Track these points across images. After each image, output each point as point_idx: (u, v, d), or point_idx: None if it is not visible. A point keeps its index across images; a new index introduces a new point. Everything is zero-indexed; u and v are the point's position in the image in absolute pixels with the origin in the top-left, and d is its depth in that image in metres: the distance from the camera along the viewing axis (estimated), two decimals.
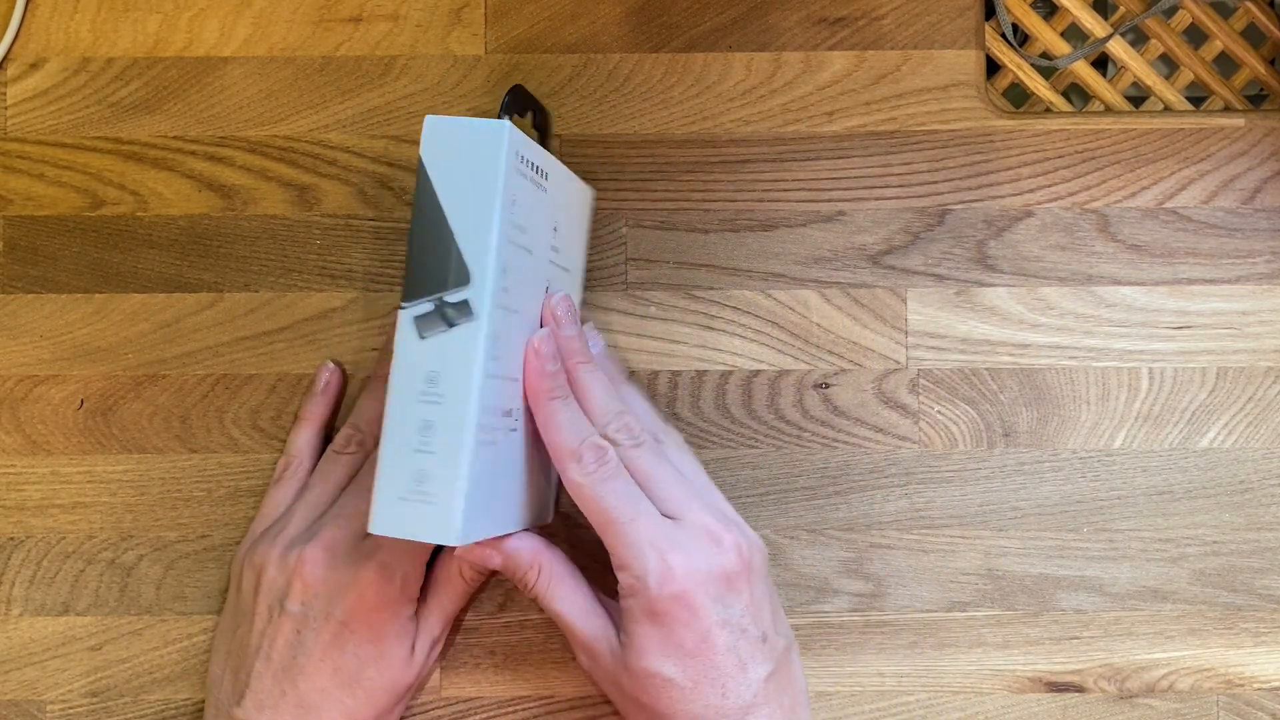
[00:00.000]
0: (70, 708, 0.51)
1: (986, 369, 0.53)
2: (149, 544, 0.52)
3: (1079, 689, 0.52)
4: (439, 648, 0.50)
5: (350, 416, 0.51)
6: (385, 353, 0.51)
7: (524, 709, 0.51)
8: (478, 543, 0.45)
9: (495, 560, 0.46)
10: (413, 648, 0.48)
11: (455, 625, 0.51)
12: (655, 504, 0.45)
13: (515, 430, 0.45)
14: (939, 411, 0.52)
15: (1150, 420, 0.53)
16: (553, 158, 0.46)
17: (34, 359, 0.52)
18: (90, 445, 0.52)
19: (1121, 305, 0.53)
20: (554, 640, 0.51)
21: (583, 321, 0.50)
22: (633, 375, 0.52)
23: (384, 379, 0.46)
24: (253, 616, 0.47)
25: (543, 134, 0.51)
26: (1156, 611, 0.52)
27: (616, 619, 0.46)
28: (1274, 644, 0.52)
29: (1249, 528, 0.52)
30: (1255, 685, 0.52)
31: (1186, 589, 0.52)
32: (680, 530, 0.45)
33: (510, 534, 0.46)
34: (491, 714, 0.51)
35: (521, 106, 0.49)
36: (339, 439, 0.50)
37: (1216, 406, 0.53)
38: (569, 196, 0.48)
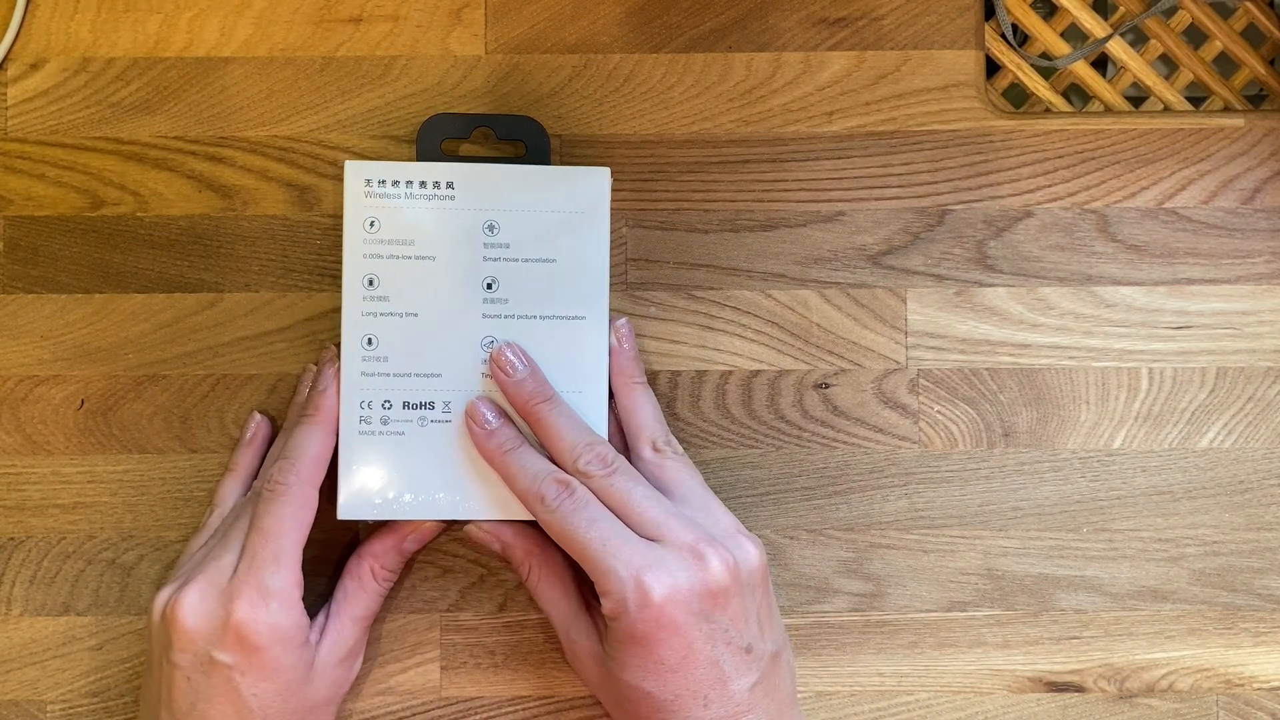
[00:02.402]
0: (71, 707, 0.51)
1: (986, 369, 0.53)
2: (149, 544, 0.52)
3: (1079, 689, 0.52)
4: (358, 654, 0.49)
5: (262, 469, 0.50)
6: (294, 404, 0.51)
7: (524, 709, 0.51)
8: (480, 527, 0.48)
9: (494, 547, 0.49)
10: (313, 663, 0.47)
11: (455, 627, 0.51)
12: (635, 528, 0.45)
13: (444, 423, 0.48)
14: (939, 411, 0.52)
15: (1150, 420, 0.53)
16: (514, 166, 0.49)
17: (34, 359, 0.52)
18: (90, 445, 0.52)
19: (1121, 305, 0.53)
20: (554, 640, 0.51)
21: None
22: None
23: (289, 431, 0.49)
24: (151, 665, 0.47)
25: (531, 146, 0.51)
26: (1156, 611, 0.52)
27: (601, 625, 0.47)
28: (1274, 644, 0.52)
29: (1249, 528, 0.52)
30: (1255, 685, 0.52)
31: (1186, 589, 0.52)
32: (661, 550, 0.45)
33: (512, 523, 0.48)
34: (491, 714, 0.51)
35: (455, 132, 0.51)
36: (251, 490, 0.50)
37: (1216, 406, 0.53)
38: (529, 192, 0.49)
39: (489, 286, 0.49)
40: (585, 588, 0.49)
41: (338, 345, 0.49)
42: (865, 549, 0.52)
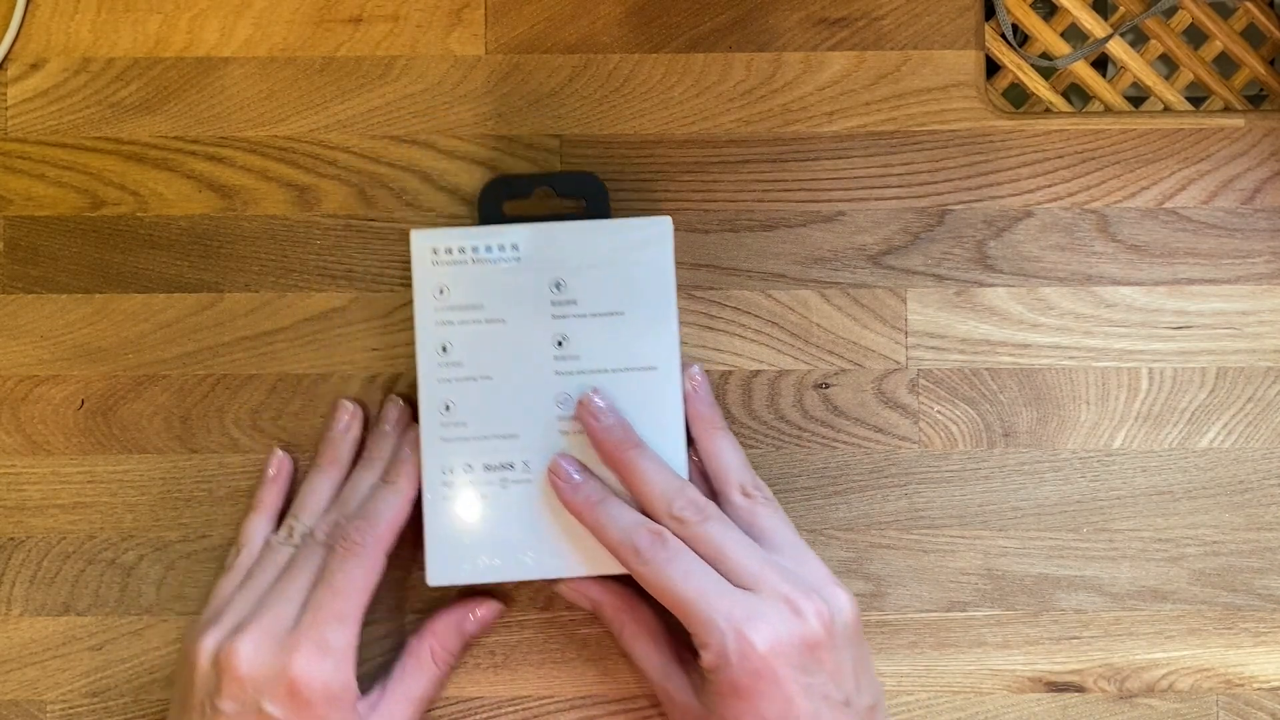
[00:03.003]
0: (71, 707, 0.51)
1: (986, 369, 0.53)
2: (149, 544, 0.52)
3: (1079, 689, 0.52)
4: None
5: (292, 506, 0.50)
6: (325, 440, 0.51)
7: (524, 709, 0.51)
8: (573, 586, 0.49)
9: (585, 605, 0.49)
10: None
11: None
12: (729, 576, 0.45)
13: (526, 483, 0.48)
14: (939, 411, 0.52)
15: (1150, 420, 0.53)
16: (575, 222, 0.49)
17: (34, 359, 0.52)
18: (90, 445, 0.52)
19: (1121, 305, 0.53)
20: (553, 640, 0.51)
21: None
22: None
23: (328, 468, 0.50)
24: (189, 710, 0.46)
25: (592, 201, 0.51)
26: (1156, 611, 0.52)
27: (696, 680, 0.46)
28: (1274, 644, 0.52)
29: (1249, 528, 0.52)
30: (1255, 685, 0.52)
31: (1186, 589, 0.52)
32: (757, 601, 0.44)
33: (602, 580, 0.49)
34: (491, 714, 0.51)
35: (516, 191, 0.51)
36: (281, 530, 0.49)
37: (1216, 406, 0.53)
38: (593, 247, 0.49)
39: (559, 344, 0.49)
40: (678, 640, 0.48)
41: (403, 399, 0.51)
42: (865, 549, 0.52)
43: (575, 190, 0.51)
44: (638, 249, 0.49)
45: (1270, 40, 0.55)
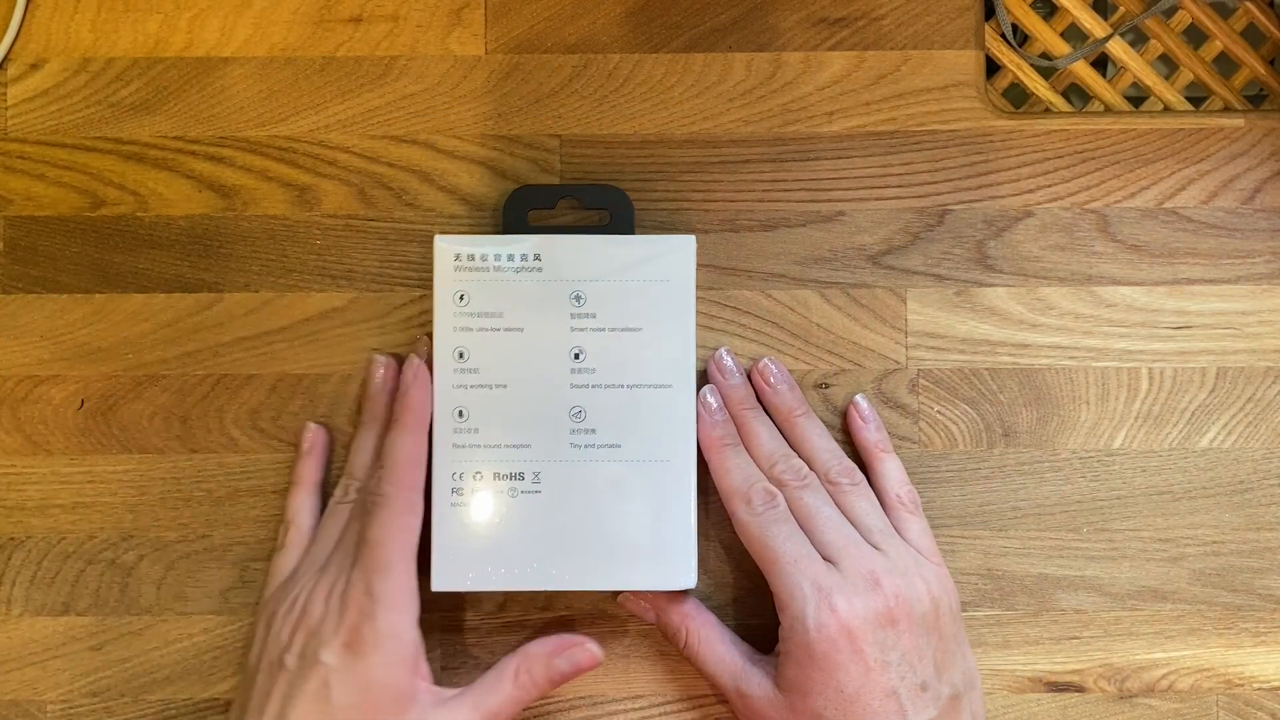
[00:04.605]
0: (71, 707, 0.51)
1: (986, 369, 0.53)
2: (149, 544, 0.52)
3: (1079, 689, 0.52)
4: None
5: (346, 466, 0.51)
6: (365, 397, 0.51)
7: (523, 709, 0.51)
8: (635, 598, 0.50)
9: (650, 616, 0.50)
10: (410, 705, 0.45)
11: (455, 626, 0.51)
12: (816, 546, 0.47)
13: (535, 493, 0.49)
14: (939, 411, 0.52)
15: (1150, 420, 0.53)
16: (599, 235, 0.50)
17: (34, 359, 0.52)
18: (90, 445, 0.52)
19: (1121, 305, 0.53)
20: None
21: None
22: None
23: (370, 424, 0.50)
24: (255, 675, 0.47)
25: (615, 214, 0.51)
26: (1156, 611, 0.52)
27: (769, 670, 0.47)
28: (1274, 644, 0.52)
29: (1249, 528, 0.52)
30: (1255, 685, 0.52)
31: (1186, 589, 0.52)
32: (839, 575, 0.46)
33: (671, 594, 0.49)
34: None
35: (540, 201, 0.51)
36: (337, 490, 0.50)
37: (1216, 406, 0.53)
38: (615, 261, 0.49)
39: (576, 356, 0.49)
40: (745, 641, 0.49)
41: (428, 335, 0.50)
42: None
43: (600, 202, 0.51)
44: (660, 266, 0.49)
45: (1270, 40, 0.55)
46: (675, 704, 0.52)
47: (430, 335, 0.50)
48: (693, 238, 0.49)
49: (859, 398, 0.52)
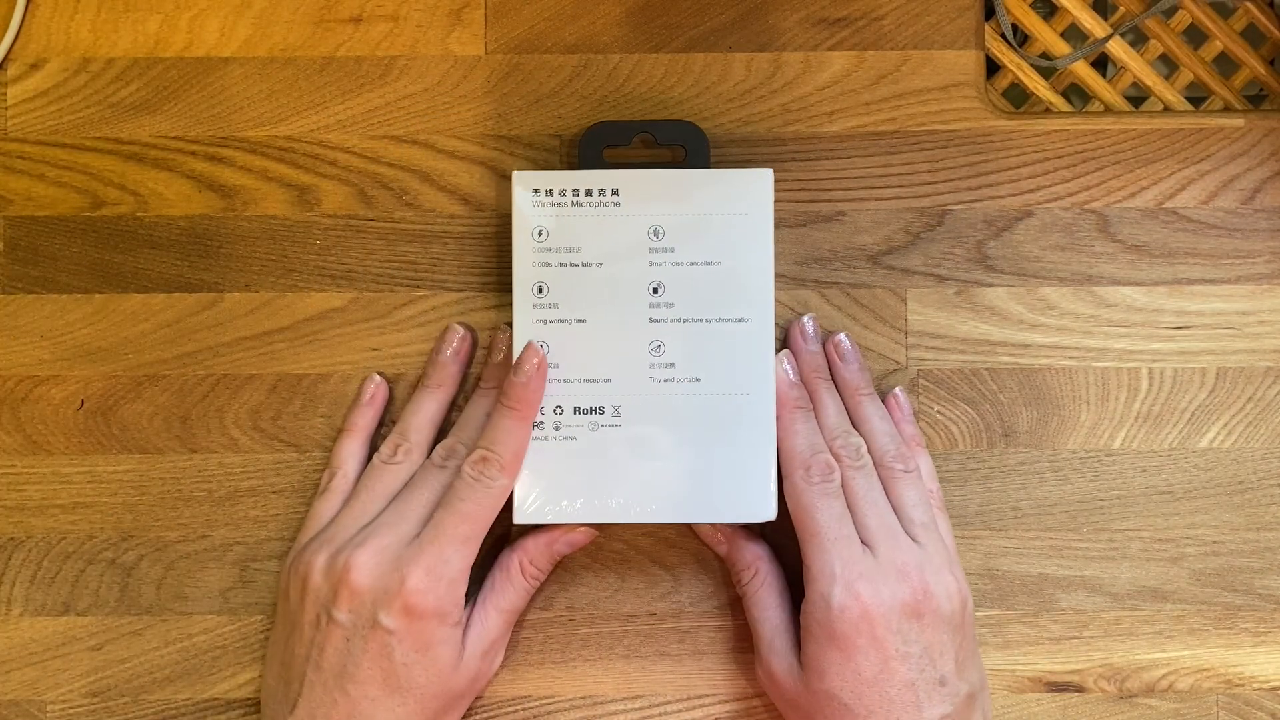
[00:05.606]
0: (71, 707, 0.51)
1: (986, 369, 0.53)
2: (149, 544, 0.52)
3: (1079, 689, 0.52)
4: (499, 648, 0.50)
5: (397, 425, 0.51)
6: (433, 362, 0.51)
7: (524, 709, 0.51)
8: (712, 525, 0.50)
9: (722, 548, 0.50)
10: (461, 651, 0.47)
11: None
12: (857, 529, 0.47)
13: (615, 427, 0.49)
14: (939, 411, 0.52)
15: (1150, 420, 0.53)
16: (677, 170, 0.50)
17: (34, 359, 0.52)
18: (90, 445, 0.52)
19: (1121, 305, 0.53)
20: (553, 640, 0.51)
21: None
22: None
23: (434, 389, 0.51)
24: (301, 625, 0.47)
25: (692, 149, 0.51)
26: (1156, 611, 0.52)
27: (798, 645, 0.48)
28: (1274, 644, 0.52)
29: (1249, 528, 0.52)
30: (1255, 685, 0.52)
31: (1186, 589, 0.52)
32: (873, 560, 0.46)
33: (743, 529, 0.50)
34: (491, 714, 0.51)
35: (616, 138, 0.51)
36: (385, 448, 0.50)
37: (1216, 406, 0.53)
38: (692, 196, 0.49)
39: (655, 291, 0.49)
40: (795, 607, 0.49)
41: (508, 324, 0.50)
42: None
43: (675, 138, 0.51)
44: (737, 200, 0.49)
45: (1270, 40, 0.55)
46: (675, 704, 0.52)
47: (510, 325, 0.50)
48: (770, 171, 0.49)
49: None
